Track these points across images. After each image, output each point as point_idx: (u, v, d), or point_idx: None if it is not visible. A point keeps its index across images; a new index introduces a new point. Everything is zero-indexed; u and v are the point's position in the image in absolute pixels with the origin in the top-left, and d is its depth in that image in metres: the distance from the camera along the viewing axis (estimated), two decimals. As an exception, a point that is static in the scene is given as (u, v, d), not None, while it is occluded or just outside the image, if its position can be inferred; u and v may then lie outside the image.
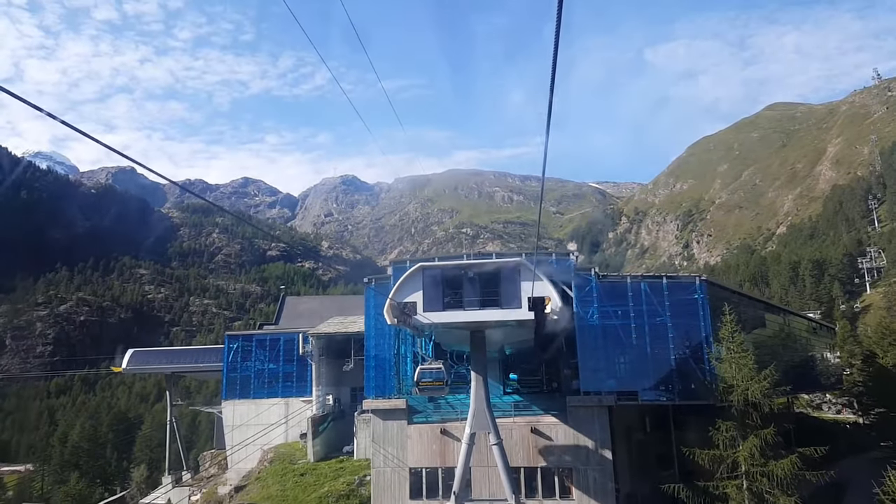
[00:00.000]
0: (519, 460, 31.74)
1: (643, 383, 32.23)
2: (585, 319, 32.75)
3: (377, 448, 32.70)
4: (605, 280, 33.26)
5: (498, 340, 33.00)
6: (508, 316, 26.90)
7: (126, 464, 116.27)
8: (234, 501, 47.77)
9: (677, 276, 33.94)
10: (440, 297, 27.34)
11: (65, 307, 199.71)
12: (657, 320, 32.68)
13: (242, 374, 57.49)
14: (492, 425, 28.29)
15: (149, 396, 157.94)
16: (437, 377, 29.02)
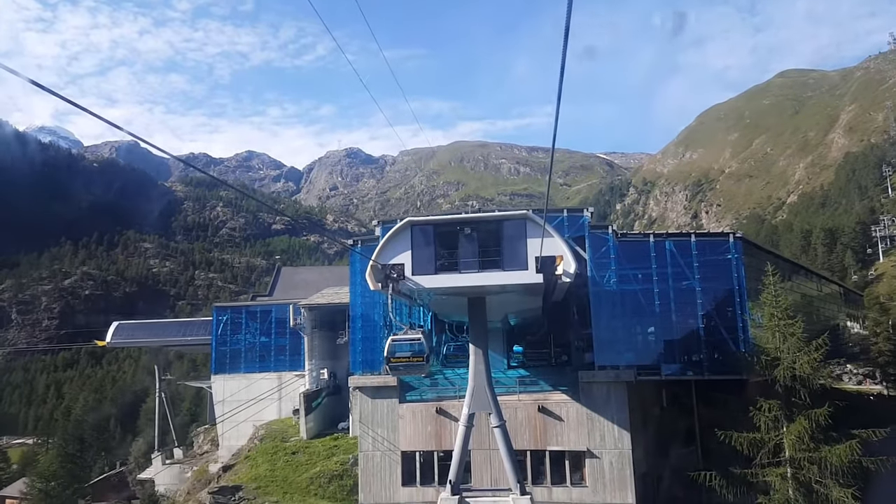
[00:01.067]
0: (524, 443, 27.80)
1: (666, 356, 28.06)
2: (601, 284, 28.47)
3: (365, 430, 28.80)
4: (625, 239, 28.89)
5: (501, 309, 28.84)
6: (512, 279, 22.63)
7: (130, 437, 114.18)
8: (220, 482, 44.35)
9: (708, 234, 29.51)
10: (432, 258, 23.08)
11: (69, 281, 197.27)
12: (683, 284, 28.39)
13: (233, 348, 53.83)
14: (493, 405, 24.25)
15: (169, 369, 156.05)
16: (415, 351, 24.16)
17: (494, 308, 27.42)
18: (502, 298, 25.96)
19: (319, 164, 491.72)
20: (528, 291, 24.62)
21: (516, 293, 24.99)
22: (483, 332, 25.28)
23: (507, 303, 27.84)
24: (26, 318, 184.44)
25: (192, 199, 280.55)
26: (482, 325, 25.27)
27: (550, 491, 27.33)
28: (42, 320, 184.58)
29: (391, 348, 24.47)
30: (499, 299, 25.89)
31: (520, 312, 32.00)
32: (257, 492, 39.10)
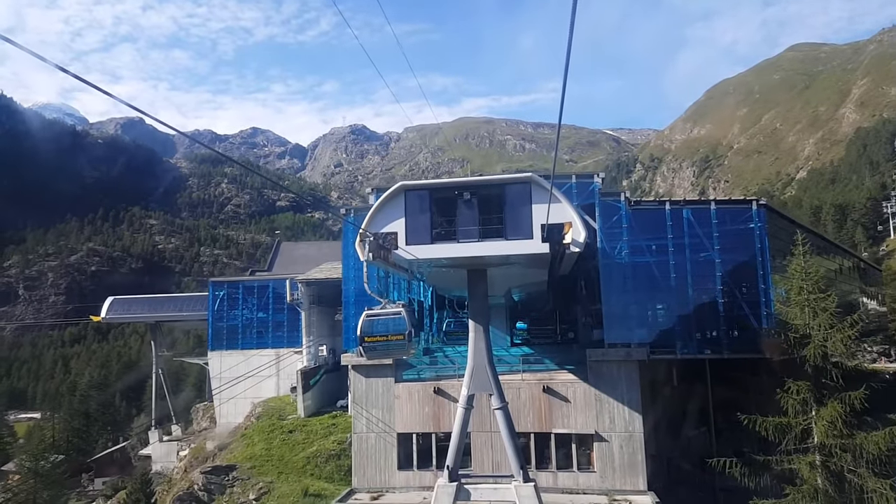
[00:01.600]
0: (528, 425, 25.84)
1: (682, 333, 25.87)
2: (612, 256, 26.21)
3: (359, 410, 26.87)
4: (639, 207, 26.55)
5: (503, 282, 26.66)
6: (516, 249, 20.38)
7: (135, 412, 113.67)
8: (215, 460, 42.80)
9: (729, 201, 27.11)
10: (428, 226, 20.80)
11: (75, 257, 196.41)
12: (701, 256, 26.09)
13: (229, 324, 52.09)
14: (494, 385, 22.16)
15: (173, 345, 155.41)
16: (394, 328, 21.45)
17: (496, 281, 25.23)
18: (505, 271, 23.76)
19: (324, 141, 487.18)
20: (533, 263, 22.40)
21: (520, 265, 22.79)
22: (484, 307, 23.12)
23: (510, 276, 25.65)
24: (33, 293, 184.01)
25: (197, 175, 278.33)
26: (483, 300, 23.09)
27: (555, 476, 25.41)
28: (49, 296, 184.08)
29: (365, 326, 21.83)
30: (501, 272, 23.68)
31: (524, 287, 29.85)
32: (251, 471, 37.50)
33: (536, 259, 21.41)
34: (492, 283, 24.41)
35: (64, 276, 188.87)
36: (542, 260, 21.64)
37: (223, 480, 36.38)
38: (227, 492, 36.00)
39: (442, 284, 29.21)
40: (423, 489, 25.46)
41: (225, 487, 36.12)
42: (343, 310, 28.89)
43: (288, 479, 36.26)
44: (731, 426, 36.65)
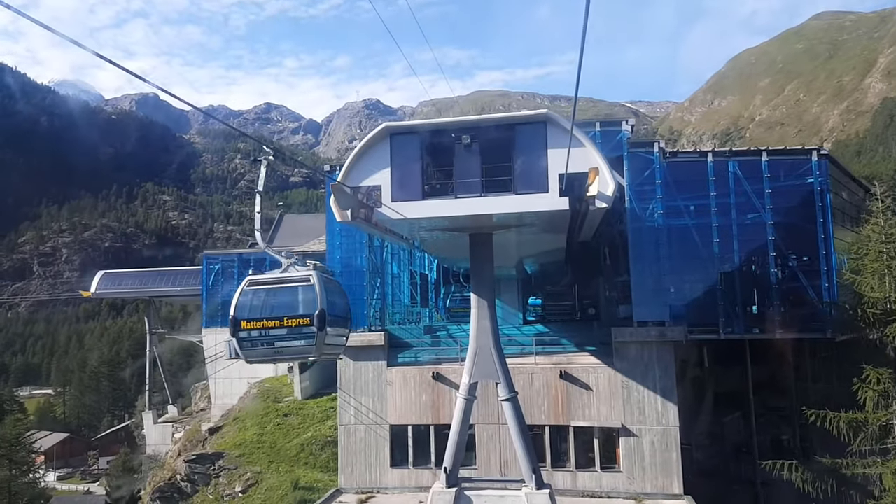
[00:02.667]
0: (542, 417, 21.89)
1: (727, 309, 21.61)
2: (643, 218, 21.94)
3: (346, 398, 23.05)
4: (675, 160, 22.15)
5: (513, 250, 22.54)
6: (528, 205, 16.22)
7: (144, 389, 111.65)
8: (206, 445, 39.58)
9: (784, 150, 22.58)
10: (418, 178, 16.66)
11: (89, 233, 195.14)
12: (750, 218, 21.74)
13: (225, 299, 48.30)
14: (501, 372, 18.21)
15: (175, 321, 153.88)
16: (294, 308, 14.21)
17: (505, 249, 21.12)
18: (514, 236, 19.64)
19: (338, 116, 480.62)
20: (549, 224, 18.24)
21: (533, 227, 18.63)
22: (489, 279, 19.05)
23: (520, 242, 21.52)
24: (47, 269, 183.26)
25: (210, 151, 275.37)
26: (488, 271, 19.00)
27: (574, 477, 21.50)
28: (63, 272, 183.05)
29: (242, 303, 14.84)
30: (510, 237, 19.55)
31: (537, 256, 25.68)
32: (240, 460, 34.13)
33: (553, 218, 17.26)
34: (499, 251, 20.32)
35: (78, 252, 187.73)
36: (560, 220, 17.49)
37: (208, 470, 33.05)
38: (212, 482, 32.70)
39: (443, 253, 25.21)
40: (420, 489, 21.73)
41: (210, 478, 32.81)
42: (327, 282, 24.91)
43: (278, 469, 32.84)
44: (766, 412, 32.64)
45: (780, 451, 33.97)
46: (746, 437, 33.79)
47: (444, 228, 18.54)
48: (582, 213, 16.78)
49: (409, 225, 17.79)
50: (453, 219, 16.96)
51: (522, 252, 23.70)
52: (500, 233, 18.83)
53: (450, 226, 18.02)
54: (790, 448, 34.19)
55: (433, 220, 17.12)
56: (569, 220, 17.89)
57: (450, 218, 16.81)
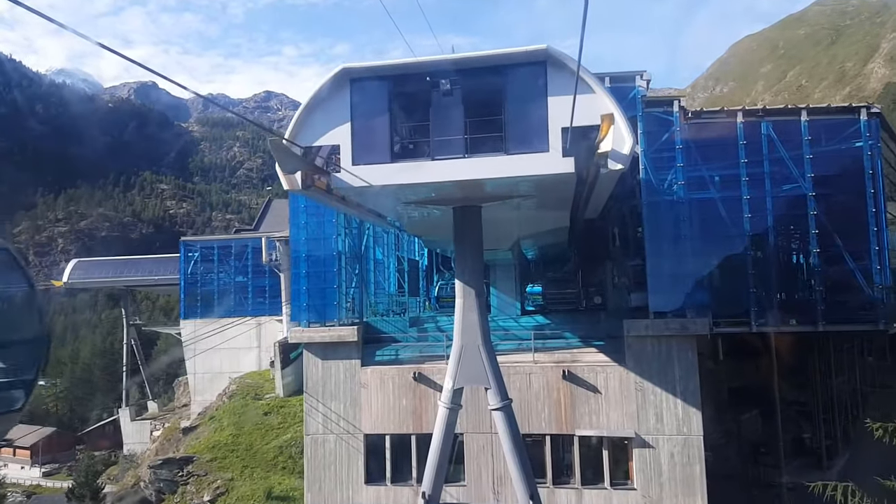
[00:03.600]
0: (543, 424, 18.52)
1: (759, 298, 18.15)
2: (660, 191, 18.44)
3: (313, 404, 19.63)
4: (698, 121, 18.57)
5: (507, 228, 19.10)
6: (524, 168, 12.70)
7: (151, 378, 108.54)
8: (180, 446, 36.38)
9: (827, 109, 18.99)
10: (386, 135, 13.13)
11: (85, 223, 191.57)
12: (787, 189, 18.24)
13: (204, 289, 45.31)
14: (492, 375, 14.82)
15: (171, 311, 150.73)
16: None
17: (497, 227, 17.69)
18: (509, 211, 16.17)
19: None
20: (550, 194, 14.77)
21: (530, 199, 15.14)
22: (477, 262, 15.58)
23: (516, 220, 18.08)
24: (43, 259, 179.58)
25: (209, 139, 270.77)
26: (475, 253, 15.52)
27: (580, 495, 18.12)
28: (59, 262, 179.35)
29: None
30: (503, 212, 16.08)
31: (536, 237, 22.17)
32: (211, 465, 30.90)
33: (555, 186, 13.75)
34: (491, 231, 16.88)
35: (74, 242, 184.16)
36: (563, 188, 13.99)
37: (176, 476, 29.83)
38: (178, 490, 29.49)
39: (428, 234, 21.73)
40: (400, 510, 18.40)
41: (177, 485, 29.58)
42: (291, 268, 21.47)
43: (252, 476, 29.63)
44: (785, 408, 29.73)
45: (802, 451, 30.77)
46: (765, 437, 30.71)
47: (421, 201, 15.03)
48: (590, 179, 13.26)
49: (377, 195, 14.28)
50: (430, 186, 13.45)
51: (519, 232, 20.19)
52: (490, 207, 15.34)
53: (426, 196, 14.51)
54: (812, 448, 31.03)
55: (405, 189, 13.60)
56: (574, 190, 14.39)
57: (426, 185, 13.29)
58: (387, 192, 13.79)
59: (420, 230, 21.66)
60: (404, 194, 14.29)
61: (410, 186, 13.38)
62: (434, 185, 13.35)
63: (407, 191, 13.89)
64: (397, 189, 13.60)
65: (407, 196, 14.50)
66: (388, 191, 13.71)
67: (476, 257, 15.55)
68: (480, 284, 15.53)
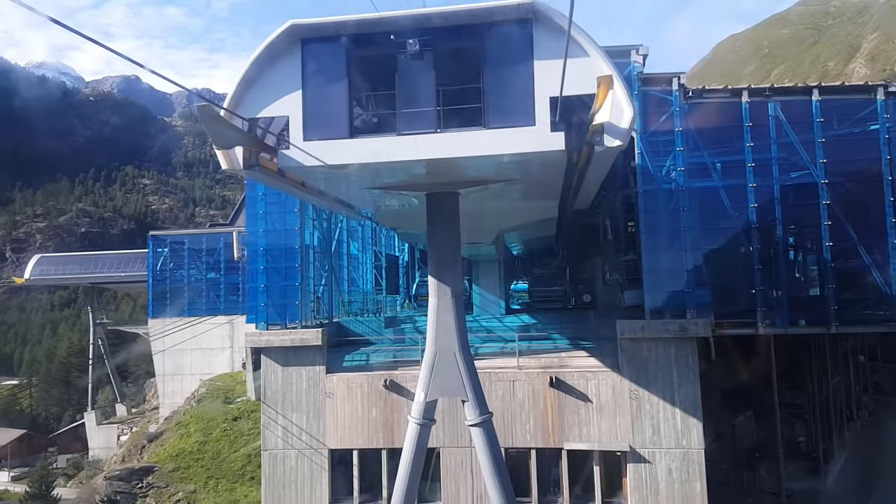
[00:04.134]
0: (528, 437, 16.59)
1: (766, 297, 16.34)
2: (657, 178, 16.56)
3: (271, 416, 17.51)
4: (699, 100, 16.68)
5: (489, 219, 17.11)
6: (505, 145, 10.70)
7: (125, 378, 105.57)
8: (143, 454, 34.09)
9: (840, 87, 17.15)
10: (344, 105, 11.07)
11: (64, 218, 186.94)
12: (795, 177, 16.45)
13: (174, 286, 42.89)
14: (469, 386, 12.86)
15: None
16: None
17: (477, 218, 15.70)
18: (488, 199, 14.20)
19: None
20: (535, 178, 12.81)
21: (514, 184, 13.16)
22: (453, 256, 13.58)
23: (498, 210, 16.10)
24: (21, 256, 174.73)
25: (192, 134, 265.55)
26: (451, 245, 13.52)
27: (570, 514, 16.24)
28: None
29: None
30: (482, 200, 14.10)
31: (522, 229, 20.18)
32: (173, 475, 28.69)
33: (542, 168, 11.81)
34: (471, 221, 14.91)
35: (53, 238, 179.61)
36: (551, 170, 12.05)
37: (134, 488, 27.61)
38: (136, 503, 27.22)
39: (402, 226, 19.64)
40: (368, 533, 16.40)
41: (135, 497, 27.37)
42: (248, 264, 19.33)
43: (217, 488, 27.47)
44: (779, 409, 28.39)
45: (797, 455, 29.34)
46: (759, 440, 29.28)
47: (387, 186, 13.00)
48: (582, 161, 11.32)
49: (333, 177, 12.23)
50: (396, 167, 11.41)
51: (502, 224, 18.20)
52: (469, 195, 13.36)
53: (394, 180, 12.49)
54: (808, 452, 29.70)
55: (366, 170, 11.55)
56: (563, 173, 12.44)
57: (390, 166, 11.24)
58: (345, 173, 11.74)
59: (394, 221, 19.60)
60: (366, 177, 12.25)
61: (372, 167, 11.33)
62: (400, 166, 11.31)
63: (369, 172, 11.84)
64: (357, 170, 11.55)
65: (370, 179, 12.46)
66: (347, 172, 11.66)
67: (453, 251, 13.55)
68: (458, 282, 13.55)
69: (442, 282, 13.23)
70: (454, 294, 13.16)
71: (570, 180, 12.97)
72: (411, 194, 13.71)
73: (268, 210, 17.94)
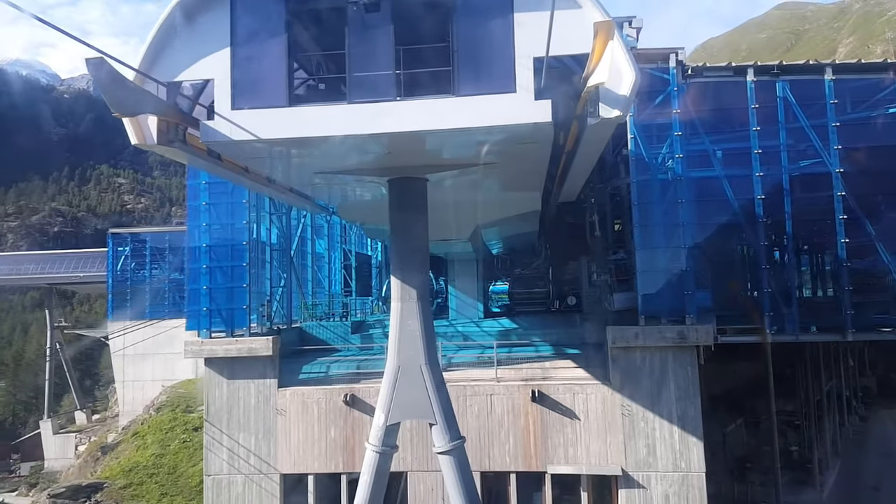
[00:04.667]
0: (507, 459, 14.55)
1: (774, 300, 14.47)
2: (652, 167, 14.63)
3: (216, 436, 15.27)
4: (700, 79, 14.77)
5: (464, 212, 15.05)
6: (479, 116, 8.62)
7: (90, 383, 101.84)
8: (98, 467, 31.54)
9: (855, 66, 15.28)
10: (282, 67, 8.94)
11: (37, 218, 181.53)
12: (805, 166, 14.65)
13: (136, 287, 40.27)
14: (438, 407, 10.82)
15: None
16: None
17: (450, 210, 13.65)
18: (463, 190, 12.15)
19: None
20: (516, 160, 10.75)
21: (491, 168, 11.09)
22: (419, 252, 11.50)
23: (474, 202, 14.05)
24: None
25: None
26: (418, 241, 11.44)
27: (554, 547, 14.24)
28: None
29: None
30: (455, 190, 12.05)
31: (501, 225, 18.11)
32: (124, 493, 26.26)
33: (523, 147, 9.77)
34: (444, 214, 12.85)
35: (25, 238, 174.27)
36: (534, 150, 10.01)
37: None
38: (81, 525, 24.76)
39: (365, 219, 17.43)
40: (326, 570, 14.25)
41: (80, 518, 24.87)
42: (189, 262, 17.02)
43: (169, 508, 25.10)
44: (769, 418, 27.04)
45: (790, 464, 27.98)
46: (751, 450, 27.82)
47: (341, 171, 10.87)
48: (572, 136, 9.33)
49: (275, 159, 10.08)
50: (347, 144, 9.27)
51: (479, 218, 16.13)
52: (440, 183, 11.31)
53: (346, 161, 10.35)
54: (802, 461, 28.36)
55: (311, 147, 9.41)
56: (548, 155, 10.44)
57: (340, 142, 9.11)
58: (286, 153, 9.61)
59: (358, 215, 17.40)
60: (314, 158, 10.11)
61: (318, 144, 9.20)
62: (353, 142, 9.19)
63: (316, 151, 9.71)
64: (300, 148, 9.43)
65: (319, 161, 10.33)
66: (288, 151, 9.53)
67: (419, 247, 11.48)
68: (425, 283, 11.48)
69: (406, 283, 11.15)
70: (421, 297, 11.10)
71: (557, 164, 10.97)
72: (372, 181, 11.62)
73: (213, 201, 15.67)
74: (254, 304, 15.89)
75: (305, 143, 9.13)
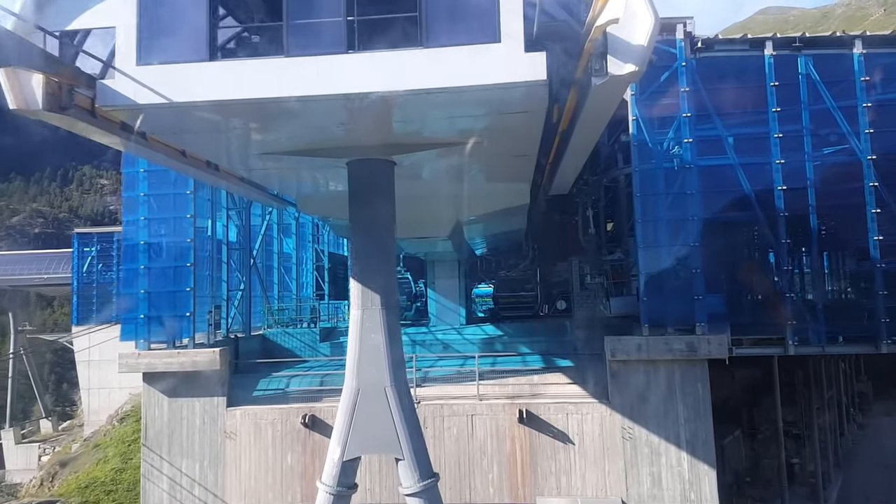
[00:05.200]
0: (489, 490, 12.56)
1: (797, 307, 12.62)
2: (657, 155, 12.72)
3: (155, 463, 13.13)
4: (710, 53, 12.86)
5: (444, 207, 13.03)
6: (456, 74, 6.62)
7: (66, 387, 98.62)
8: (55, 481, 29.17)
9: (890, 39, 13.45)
10: (201, 10, 6.93)
11: (17, 219, 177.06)
12: (828, 153, 12.82)
13: (102, 289, 37.82)
14: (406, 439, 8.76)
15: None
16: None
17: (426, 201, 11.62)
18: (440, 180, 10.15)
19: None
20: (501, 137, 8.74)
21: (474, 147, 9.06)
22: (383, 249, 9.47)
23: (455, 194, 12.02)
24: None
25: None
26: (382, 235, 9.41)
27: None
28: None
29: None
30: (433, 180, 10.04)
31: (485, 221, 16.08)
32: (77, 513, 23.94)
33: (509, 117, 7.76)
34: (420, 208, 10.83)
35: (4, 240, 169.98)
36: (524, 122, 8.00)
37: (25, 530, 22.78)
38: (26, 550, 22.44)
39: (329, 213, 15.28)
40: None
41: (25, 543, 22.55)
42: (124, 262, 14.89)
43: (125, 529, 22.85)
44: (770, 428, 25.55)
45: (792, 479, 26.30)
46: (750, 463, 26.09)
47: (289, 151, 8.81)
48: (569, 108, 7.36)
49: (191, 128, 7.99)
50: (288, 110, 7.21)
51: (461, 213, 14.10)
52: (421, 164, 9.30)
53: (293, 137, 8.29)
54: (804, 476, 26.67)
55: (239, 113, 7.34)
56: (541, 132, 8.46)
57: (276, 107, 7.05)
58: (208, 121, 7.52)
59: (320, 208, 15.17)
60: (245, 130, 8.03)
61: (248, 110, 7.14)
62: (295, 108, 7.13)
63: (246, 121, 7.64)
64: (225, 115, 7.35)
65: (259, 135, 8.25)
66: (211, 119, 7.44)
67: (384, 244, 9.45)
68: (391, 287, 9.46)
69: (368, 286, 9.12)
70: (385, 304, 9.06)
71: (549, 148, 9.00)
72: (329, 164, 9.57)
73: (152, 192, 13.53)
74: (201, 311, 13.74)
75: (231, 108, 7.07)
